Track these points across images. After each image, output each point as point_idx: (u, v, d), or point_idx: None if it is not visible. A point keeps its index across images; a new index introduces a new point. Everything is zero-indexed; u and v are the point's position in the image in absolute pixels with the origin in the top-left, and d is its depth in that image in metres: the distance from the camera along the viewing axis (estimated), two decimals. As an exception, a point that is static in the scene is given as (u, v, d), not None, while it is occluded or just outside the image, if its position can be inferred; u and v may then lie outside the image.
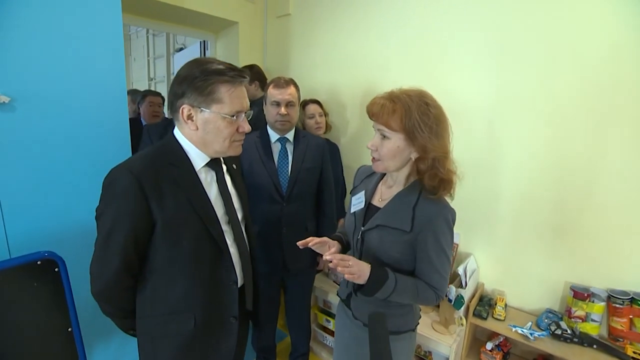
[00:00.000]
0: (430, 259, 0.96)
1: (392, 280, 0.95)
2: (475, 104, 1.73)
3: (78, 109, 1.40)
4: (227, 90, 0.90)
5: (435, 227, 0.95)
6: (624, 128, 1.40)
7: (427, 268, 0.98)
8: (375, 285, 0.94)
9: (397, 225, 0.98)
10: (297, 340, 1.97)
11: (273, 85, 1.62)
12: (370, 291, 0.95)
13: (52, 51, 1.30)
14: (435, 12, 1.84)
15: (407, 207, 0.98)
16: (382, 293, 0.95)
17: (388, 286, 0.94)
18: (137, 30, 4.56)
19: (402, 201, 1.00)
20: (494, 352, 1.62)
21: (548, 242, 1.61)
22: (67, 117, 1.37)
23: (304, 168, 1.66)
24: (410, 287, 0.97)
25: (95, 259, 0.91)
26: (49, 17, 1.28)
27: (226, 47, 2.68)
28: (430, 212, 0.95)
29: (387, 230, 0.99)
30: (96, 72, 1.43)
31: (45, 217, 1.35)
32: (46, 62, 1.29)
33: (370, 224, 1.04)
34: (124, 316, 0.99)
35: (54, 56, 1.31)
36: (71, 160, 1.40)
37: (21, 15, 1.22)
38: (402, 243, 0.98)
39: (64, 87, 1.35)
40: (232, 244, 1.03)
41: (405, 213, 0.97)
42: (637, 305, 1.41)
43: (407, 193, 1.00)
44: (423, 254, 0.97)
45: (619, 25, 1.37)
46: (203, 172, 0.99)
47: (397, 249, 0.99)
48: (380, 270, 0.96)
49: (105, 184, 0.88)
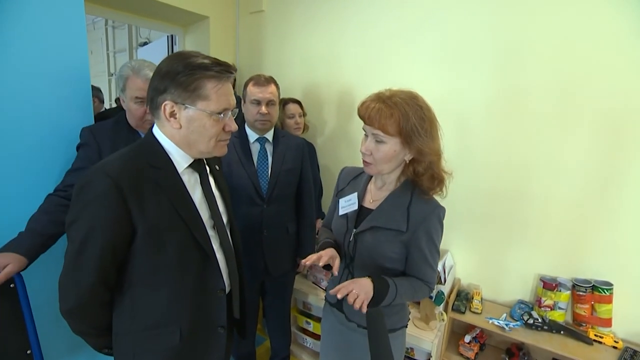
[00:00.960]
0: (425, 256, 0.98)
1: (393, 287, 0.95)
2: (444, 103, 1.76)
3: (34, 103, 1.26)
4: (213, 86, 0.84)
5: (429, 226, 0.96)
6: (583, 127, 1.51)
7: (421, 264, 0.99)
8: (379, 297, 0.93)
9: (392, 226, 0.98)
10: (278, 344, 1.93)
11: (253, 83, 1.56)
12: (375, 304, 0.93)
13: (5, 41, 1.17)
14: (402, 13, 1.88)
15: (402, 207, 0.98)
16: (385, 302, 0.94)
17: (390, 294, 0.94)
18: (95, 21, 4.23)
19: (395, 202, 1.00)
20: (471, 344, 1.68)
21: (518, 237, 1.71)
22: (21, 114, 1.24)
23: (284, 169, 1.62)
24: (408, 288, 0.98)
25: (65, 272, 0.81)
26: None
27: (196, 42, 2.56)
28: (425, 211, 0.97)
29: (382, 231, 0.99)
30: (57, 64, 1.29)
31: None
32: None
33: (363, 226, 1.03)
34: (98, 334, 0.90)
35: (7, 46, 1.17)
36: (29, 161, 1.27)
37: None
38: (398, 243, 0.98)
39: (20, 80, 1.22)
40: (218, 249, 0.98)
41: (400, 214, 0.98)
42: (597, 292, 1.52)
43: (399, 194, 1.01)
44: (417, 251, 0.98)
45: (575, 24, 1.46)
46: (186, 174, 0.92)
47: (393, 249, 0.99)
48: (381, 282, 0.95)
49: (78, 188, 0.79)
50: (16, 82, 1.22)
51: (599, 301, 1.52)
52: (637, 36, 1.36)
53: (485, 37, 1.66)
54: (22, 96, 1.24)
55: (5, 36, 1.17)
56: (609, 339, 1.47)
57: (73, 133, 1.33)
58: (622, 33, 1.38)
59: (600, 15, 1.41)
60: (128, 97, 1.27)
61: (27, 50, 1.22)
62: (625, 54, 1.39)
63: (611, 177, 1.48)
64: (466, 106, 1.75)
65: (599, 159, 1.49)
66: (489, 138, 1.72)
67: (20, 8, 1.19)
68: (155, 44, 2.98)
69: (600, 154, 1.48)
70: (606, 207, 1.50)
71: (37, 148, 1.30)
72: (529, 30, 1.56)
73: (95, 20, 4.26)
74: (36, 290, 1.15)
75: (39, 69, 1.26)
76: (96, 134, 1.29)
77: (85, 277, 0.79)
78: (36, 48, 1.25)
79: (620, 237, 1.49)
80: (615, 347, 1.45)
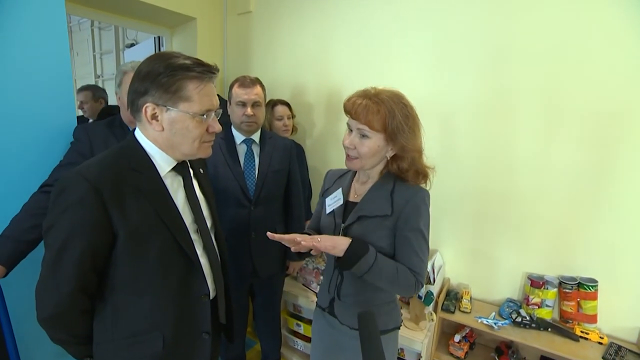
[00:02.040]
0: (408, 240, 0.97)
1: (372, 255, 0.94)
2: (432, 103, 1.78)
3: (16, 105, 1.24)
4: (195, 87, 0.83)
5: (412, 208, 0.97)
6: (569, 127, 1.52)
7: (405, 249, 0.98)
8: (354, 257, 0.93)
9: (377, 212, 0.99)
10: (268, 347, 1.92)
11: (238, 84, 1.55)
12: (349, 262, 0.94)
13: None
14: (390, 14, 1.89)
15: (385, 193, 1.00)
16: (359, 267, 0.93)
17: (367, 260, 0.93)
18: (80, 22, 4.15)
19: (378, 190, 1.02)
20: (461, 344, 1.69)
21: (506, 236, 1.72)
22: (4, 114, 1.21)
23: (271, 170, 1.61)
24: (390, 268, 0.95)
25: (43, 279, 0.79)
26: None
27: (183, 44, 2.53)
28: (408, 194, 0.99)
29: (369, 220, 1.00)
30: (39, 65, 1.27)
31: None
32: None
33: (351, 218, 1.04)
34: (79, 343, 0.87)
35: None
36: (10, 160, 1.25)
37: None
38: (385, 229, 0.99)
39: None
40: (202, 254, 0.96)
41: (384, 199, 0.99)
42: (583, 289, 1.54)
43: (382, 183, 1.03)
44: (401, 236, 0.98)
45: (563, 25, 1.48)
46: (169, 178, 0.90)
47: (382, 238, 0.99)
48: (361, 243, 0.95)
49: (56, 192, 0.77)
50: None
51: (585, 298, 1.54)
52: (624, 37, 1.38)
53: (473, 38, 1.67)
54: (2, 93, 1.22)
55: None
56: (594, 335, 1.49)
57: (56, 132, 1.34)
58: (610, 34, 1.40)
59: (588, 16, 1.43)
60: (124, 92, 1.28)
61: (7, 49, 1.20)
62: (613, 54, 1.40)
63: (596, 176, 1.50)
64: (454, 106, 1.76)
65: (584, 158, 1.51)
66: (477, 138, 1.73)
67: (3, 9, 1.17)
68: (142, 46, 2.94)
69: (586, 154, 1.50)
70: (591, 205, 1.52)
71: (19, 147, 1.28)
72: (517, 31, 1.57)
73: (81, 21, 4.18)
74: (15, 298, 1.12)
75: (19, 67, 1.24)
76: (89, 131, 1.33)
77: (63, 284, 0.77)
78: (17, 47, 1.23)
79: (605, 234, 1.51)
80: (601, 342, 1.47)
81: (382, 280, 0.96)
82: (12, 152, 1.26)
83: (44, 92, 1.32)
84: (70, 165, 1.22)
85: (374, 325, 0.68)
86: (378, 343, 0.64)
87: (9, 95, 1.23)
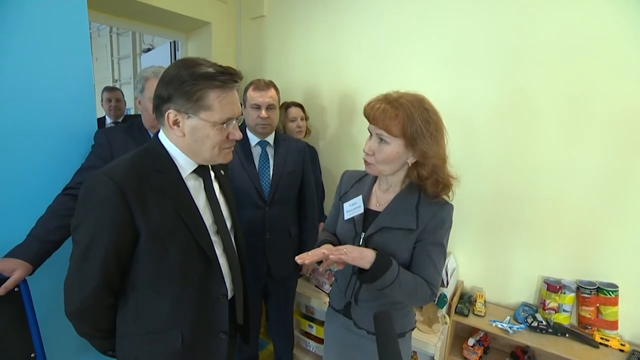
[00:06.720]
0: (428, 252, 0.97)
1: (395, 269, 0.93)
2: (449, 106, 1.76)
3: (40, 108, 1.29)
4: (217, 96, 0.84)
5: (438, 222, 0.97)
6: (591, 130, 1.49)
7: (424, 261, 0.97)
8: (380, 271, 0.90)
9: (402, 225, 0.98)
10: (281, 348, 1.93)
11: (253, 87, 1.58)
12: (374, 276, 0.90)
13: (9, 46, 1.19)
14: (403, 16, 1.88)
15: (410, 206, 0.99)
16: (382, 281, 0.91)
17: (391, 273, 0.91)
18: (100, 29, 4.29)
19: (403, 202, 1.00)
20: (475, 348, 1.67)
21: (522, 239, 1.69)
22: (28, 118, 1.26)
23: (285, 172, 1.63)
24: (410, 282, 0.95)
25: (70, 275, 0.82)
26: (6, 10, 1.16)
27: (198, 48, 2.59)
28: (434, 208, 0.97)
29: (392, 232, 0.99)
30: (62, 71, 1.32)
31: (3, 226, 1.22)
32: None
33: (372, 228, 1.02)
34: (103, 337, 0.91)
35: (12, 51, 1.19)
36: (34, 163, 1.29)
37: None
38: (408, 242, 0.98)
39: (23, 85, 1.23)
40: (222, 255, 0.98)
41: (409, 212, 0.98)
42: (602, 294, 1.51)
43: (406, 194, 1.01)
44: (421, 247, 0.98)
45: (582, 25, 1.45)
46: (190, 179, 0.93)
47: (403, 250, 0.98)
48: (385, 257, 0.94)
49: (83, 192, 0.80)
50: (19, 83, 1.24)
51: (605, 303, 1.51)
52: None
53: (490, 39, 1.65)
54: (26, 97, 1.26)
55: (9, 39, 1.20)
56: (615, 342, 1.45)
57: (78, 137, 1.39)
58: (631, 34, 1.37)
59: (607, 16, 1.40)
60: (146, 98, 1.34)
61: (31, 53, 1.25)
62: (635, 55, 1.37)
63: (621, 180, 1.46)
64: (472, 109, 1.74)
65: (605, 161, 1.47)
66: (495, 141, 1.71)
67: (28, 15, 1.22)
68: (158, 50, 3.01)
69: (607, 157, 1.47)
70: (614, 209, 1.48)
71: (43, 152, 1.32)
72: (536, 32, 1.55)
73: (100, 27, 4.32)
74: (40, 294, 1.16)
75: (43, 72, 1.29)
76: (109, 135, 1.38)
77: (89, 280, 0.80)
78: (41, 50, 1.27)
79: (625, 238, 1.47)
80: (622, 350, 1.43)
81: (401, 293, 0.95)
82: (36, 156, 1.30)
83: (67, 97, 1.36)
84: (92, 169, 1.26)
85: (390, 325, 0.68)
86: (395, 343, 0.64)
87: (34, 100, 1.27)
